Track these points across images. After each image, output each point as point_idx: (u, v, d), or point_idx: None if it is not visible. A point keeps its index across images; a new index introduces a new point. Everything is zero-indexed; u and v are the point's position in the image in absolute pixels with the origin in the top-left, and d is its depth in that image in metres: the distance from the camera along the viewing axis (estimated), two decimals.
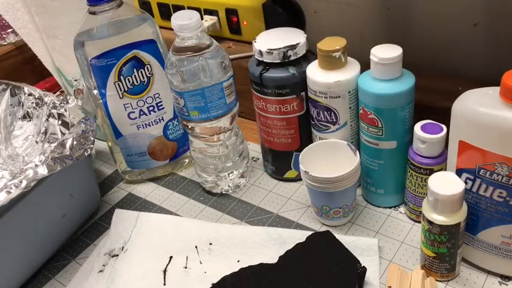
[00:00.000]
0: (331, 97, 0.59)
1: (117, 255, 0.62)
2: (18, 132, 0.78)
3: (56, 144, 0.58)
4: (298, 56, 0.61)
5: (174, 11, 0.87)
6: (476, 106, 0.46)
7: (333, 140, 0.62)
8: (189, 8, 0.84)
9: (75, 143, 0.59)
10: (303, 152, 0.61)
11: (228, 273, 0.55)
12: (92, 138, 0.61)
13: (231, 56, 0.76)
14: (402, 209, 0.63)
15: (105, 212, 0.71)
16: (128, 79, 0.66)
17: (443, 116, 0.52)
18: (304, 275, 0.53)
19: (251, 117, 0.81)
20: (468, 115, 0.46)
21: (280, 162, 0.70)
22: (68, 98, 0.70)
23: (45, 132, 0.73)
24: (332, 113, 0.60)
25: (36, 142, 0.75)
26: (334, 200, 0.59)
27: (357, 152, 0.60)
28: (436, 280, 0.53)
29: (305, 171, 0.59)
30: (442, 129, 0.54)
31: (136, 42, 0.65)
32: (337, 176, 0.57)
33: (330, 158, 0.61)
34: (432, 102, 0.61)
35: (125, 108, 0.68)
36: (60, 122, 0.70)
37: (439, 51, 0.66)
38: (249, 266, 0.56)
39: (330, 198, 0.59)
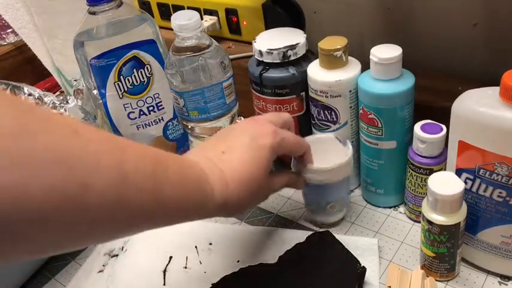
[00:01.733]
0: (332, 96, 0.59)
1: (117, 255, 0.62)
2: None
3: None
4: (298, 56, 0.61)
5: (174, 11, 0.87)
6: (476, 106, 0.46)
7: (320, 136, 0.62)
8: (189, 8, 0.84)
9: None
10: None
11: (228, 273, 0.55)
12: None
13: (231, 56, 0.76)
14: (402, 209, 0.63)
15: None
16: (128, 79, 0.66)
17: (443, 116, 0.52)
18: (303, 275, 0.53)
19: None
20: (468, 115, 0.46)
21: (280, 162, 0.70)
22: (68, 98, 0.70)
23: None
24: (332, 112, 0.60)
25: None
26: (328, 194, 0.59)
27: (347, 142, 0.59)
28: (436, 280, 0.53)
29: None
30: (441, 129, 0.54)
31: (136, 42, 0.65)
32: (330, 167, 0.56)
33: (322, 153, 0.60)
34: (432, 102, 0.61)
35: (125, 108, 0.68)
36: None
37: (438, 51, 0.66)
38: (249, 266, 0.56)
39: (324, 192, 0.59)
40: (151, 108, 0.69)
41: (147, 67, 0.67)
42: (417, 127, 0.55)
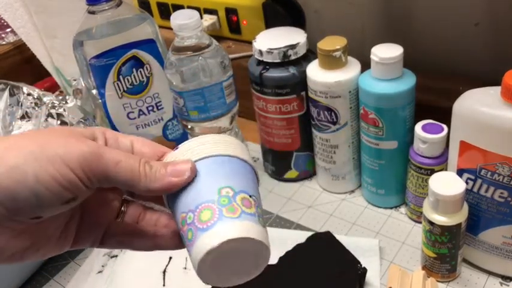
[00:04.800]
0: (332, 97, 0.59)
1: (117, 255, 0.62)
2: (17, 132, 0.78)
3: None
4: (299, 55, 0.61)
5: (174, 10, 0.86)
6: (477, 106, 0.46)
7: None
8: (189, 7, 0.84)
9: None
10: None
11: None
12: None
13: (231, 56, 0.75)
14: (403, 209, 0.63)
15: None
16: (127, 79, 0.66)
17: (444, 115, 0.51)
18: (304, 276, 0.53)
19: (251, 117, 0.81)
20: (469, 115, 0.46)
21: (281, 162, 0.69)
22: (67, 97, 0.70)
23: None
24: (332, 113, 0.60)
25: None
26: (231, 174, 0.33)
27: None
28: (437, 281, 0.53)
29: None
30: (443, 129, 0.54)
31: (135, 42, 0.64)
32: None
33: None
34: (433, 102, 0.61)
35: (124, 108, 0.68)
36: (59, 122, 0.70)
37: (440, 51, 0.66)
38: None
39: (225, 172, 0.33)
40: (150, 108, 0.69)
41: (146, 67, 0.66)
42: (418, 127, 0.55)
